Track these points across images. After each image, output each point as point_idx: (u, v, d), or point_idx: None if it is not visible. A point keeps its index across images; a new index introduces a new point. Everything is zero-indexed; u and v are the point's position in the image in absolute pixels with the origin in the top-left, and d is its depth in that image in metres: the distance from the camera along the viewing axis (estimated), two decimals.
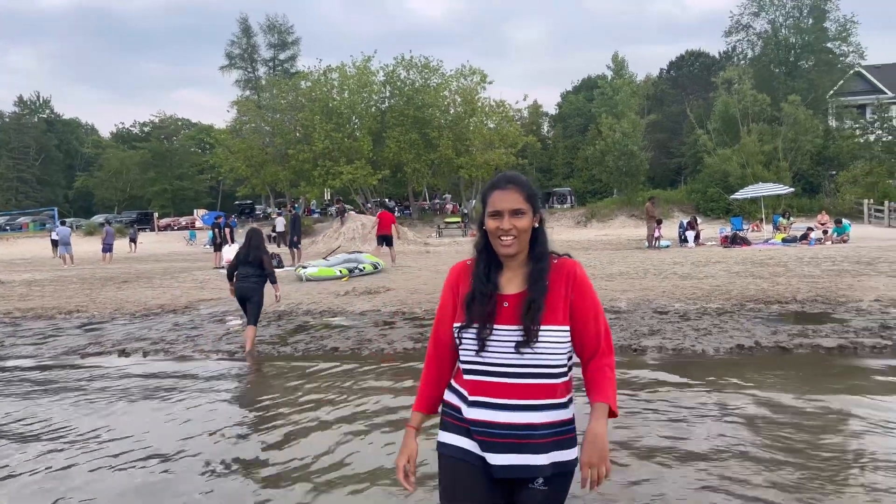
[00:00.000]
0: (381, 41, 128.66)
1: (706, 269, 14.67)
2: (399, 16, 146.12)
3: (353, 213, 34.95)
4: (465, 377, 2.12)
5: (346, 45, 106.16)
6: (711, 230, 28.43)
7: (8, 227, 51.53)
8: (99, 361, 8.08)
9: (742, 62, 43.89)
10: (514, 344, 2.02)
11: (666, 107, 53.46)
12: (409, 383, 6.30)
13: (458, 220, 42.08)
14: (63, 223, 31.78)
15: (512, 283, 2.12)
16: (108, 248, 26.73)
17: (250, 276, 8.13)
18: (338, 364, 7.37)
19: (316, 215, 47.02)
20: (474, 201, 45.15)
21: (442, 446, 2.16)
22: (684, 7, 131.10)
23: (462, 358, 2.13)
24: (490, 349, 2.05)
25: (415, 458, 2.18)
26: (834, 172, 39.17)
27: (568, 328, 2.06)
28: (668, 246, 22.35)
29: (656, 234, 22.44)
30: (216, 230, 20.73)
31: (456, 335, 2.12)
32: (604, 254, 20.69)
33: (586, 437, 1.99)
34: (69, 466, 4.56)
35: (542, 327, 2.02)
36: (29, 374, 7.56)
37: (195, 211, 49.43)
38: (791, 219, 28.48)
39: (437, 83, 41.85)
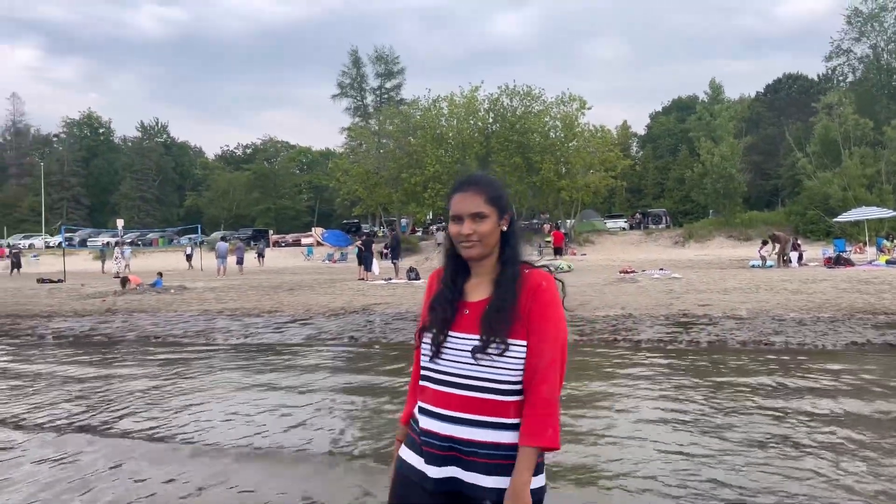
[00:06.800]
0: (459, 61, 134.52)
1: (814, 286, 16.12)
2: (475, 36, 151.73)
3: None
4: (420, 383, 2.05)
5: (424, 65, 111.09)
6: (812, 252, 29.33)
7: (140, 243, 57.14)
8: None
9: (842, 85, 44.14)
10: (468, 353, 1.90)
11: (762, 129, 53.94)
12: None
13: None
14: (223, 239, 36.96)
15: (477, 290, 2.01)
16: (240, 260, 30.89)
17: None
18: None
19: (419, 234, 50.15)
20: (571, 221, 47.07)
21: (397, 460, 2.09)
22: (771, 20, 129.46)
23: (420, 363, 2.05)
24: (444, 357, 1.95)
25: None
26: None
27: (525, 344, 1.90)
28: (772, 266, 23.72)
29: (761, 254, 23.95)
30: (361, 247, 23.65)
31: (419, 339, 2.06)
32: (711, 272, 22.24)
33: (507, 493, 1.83)
34: None
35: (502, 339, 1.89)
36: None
37: (313, 229, 54.19)
38: (895, 241, 29.00)
39: (538, 109, 44.35)
